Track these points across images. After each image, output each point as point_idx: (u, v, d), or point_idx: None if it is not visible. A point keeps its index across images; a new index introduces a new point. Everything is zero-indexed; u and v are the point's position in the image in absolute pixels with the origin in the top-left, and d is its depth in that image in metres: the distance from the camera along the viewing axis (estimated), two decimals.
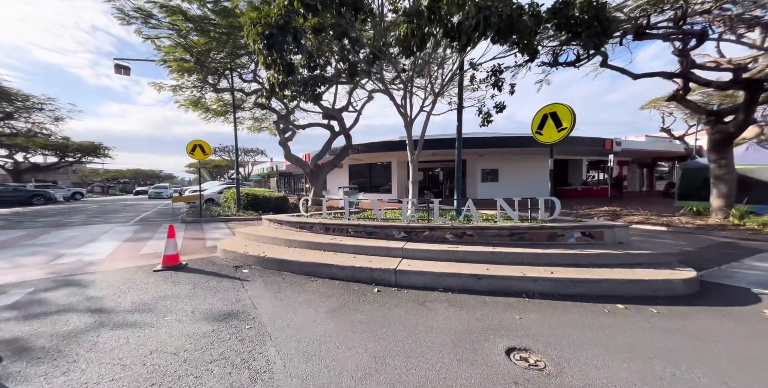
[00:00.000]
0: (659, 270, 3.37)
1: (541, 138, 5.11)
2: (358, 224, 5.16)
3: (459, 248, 4.15)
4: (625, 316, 2.60)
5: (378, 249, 4.41)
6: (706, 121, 7.57)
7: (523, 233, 4.38)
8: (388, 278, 3.68)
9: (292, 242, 5.06)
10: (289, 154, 13.30)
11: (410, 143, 6.25)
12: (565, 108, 4.77)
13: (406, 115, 6.13)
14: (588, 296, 3.06)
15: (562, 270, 3.43)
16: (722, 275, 3.62)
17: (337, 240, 4.84)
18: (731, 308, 2.73)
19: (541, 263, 3.76)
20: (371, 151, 17.60)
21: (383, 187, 20.83)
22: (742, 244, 5.58)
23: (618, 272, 3.33)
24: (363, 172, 22.39)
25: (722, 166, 7.46)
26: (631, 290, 3.05)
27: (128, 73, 9.86)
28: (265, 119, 17.11)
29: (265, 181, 36.70)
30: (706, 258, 4.57)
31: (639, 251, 3.80)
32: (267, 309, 2.93)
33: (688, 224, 7.20)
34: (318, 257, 4.31)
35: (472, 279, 3.37)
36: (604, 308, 2.78)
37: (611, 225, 4.38)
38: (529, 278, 3.22)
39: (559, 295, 3.10)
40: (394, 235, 4.91)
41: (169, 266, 4.24)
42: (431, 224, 4.87)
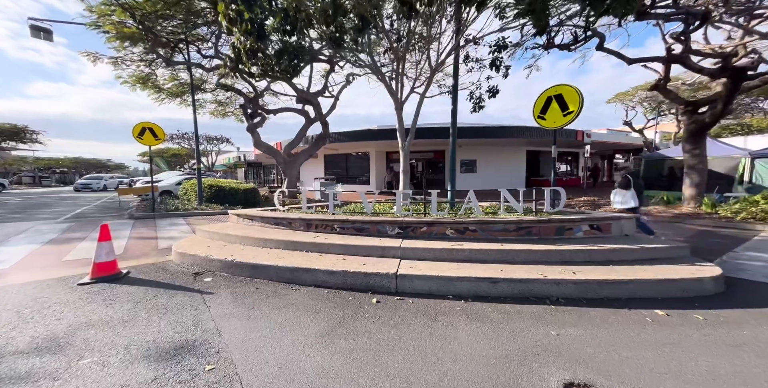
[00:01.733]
0: (681, 266, 3.12)
1: (544, 123, 4.71)
2: (346, 220, 4.49)
3: (464, 245, 3.66)
4: (673, 326, 2.25)
5: (371, 249, 3.80)
6: (683, 112, 7.76)
7: (530, 227, 4.00)
8: (388, 284, 3.10)
9: (266, 242, 4.28)
10: (258, 141, 12.04)
11: (401, 129, 5.60)
12: (572, 89, 4.37)
13: (397, 96, 5.45)
14: (617, 299, 2.71)
15: (583, 270, 3.06)
16: (733, 268, 3.50)
17: (322, 238, 4.14)
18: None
19: (555, 260, 3.38)
20: (348, 140, 16.73)
21: (360, 178, 20.09)
22: (723, 232, 5.74)
23: (641, 270, 3.02)
24: (339, 162, 21.40)
25: (696, 156, 7.73)
26: (662, 291, 2.74)
27: (50, 38, 8.03)
28: (230, 103, 15.41)
29: (232, 171, 34.13)
30: (700, 249, 4.52)
31: (653, 245, 3.56)
32: (236, 336, 2.22)
33: (664, 213, 7.40)
34: (300, 259, 3.60)
35: (488, 283, 2.90)
36: (644, 315, 2.42)
37: (618, 217, 4.14)
38: (551, 281, 2.81)
39: (586, 299, 2.72)
40: (387, 231, 4.32)
41: (102, 276, 3.29)
42: (429, 218, 4.33)
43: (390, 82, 5.61)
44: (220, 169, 33.83)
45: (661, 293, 2.74)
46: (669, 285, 2.74)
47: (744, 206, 6.63)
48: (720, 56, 6.03)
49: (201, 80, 12.49)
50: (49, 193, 20.88)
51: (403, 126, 5.58)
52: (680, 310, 2.49)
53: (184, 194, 11.17)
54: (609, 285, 2.75)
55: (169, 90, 12.35)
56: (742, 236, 5.36)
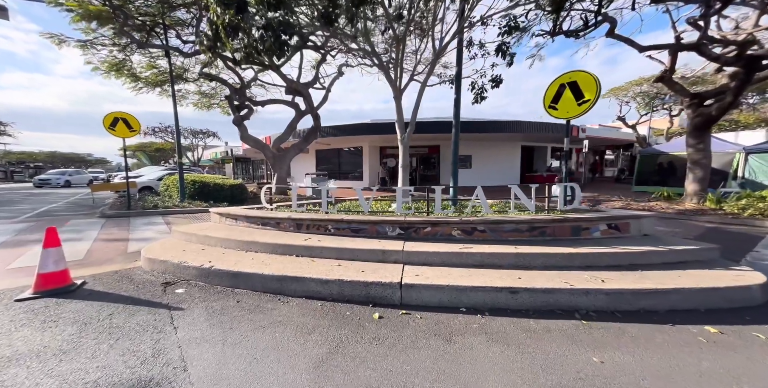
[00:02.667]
0: (718, 271, 2.81)
1: (555, 113, 4.32)
2: (341, 220, 4.03)
3: (473, 248, 3.27)
4: (734, 349, 1.91)
5: (370, 253, 3.36)
6: (688, 105, 7.55)
7: (544, 227, 3.63)
8: (391, 295, 2.68)
9: (251, 245, 3.80)
10: (245, 134, 11.37)
11: (400, 120, 5.14)
12: (588, 76, 3.99)
13: (396, 84, 4.96)
14: (655, 312, 2.36)
15: (611, 277, 2.71)
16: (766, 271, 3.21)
17: (314, 241, 3.68)
18: None
19: (576, 265, 3.03)
20: (341, 134, 16.17)
21: (353, 174, 19.57)
22: (733, 229, 5.55)
23: (677, 277, 2.69)
24: (331, 157, 20.80)
25: (700, 151, 7.55)
26: (705, 302, 2.41)
27: (5, 15, 7.17)
28: (216, 95, 14.57)
29: (219, 167, 32.98)
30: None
31: (681, 246, 3.24)
32: (207, 371, 1.77)
33: (669, 210, 7.21)
34: (289, 266, 3.14)
35: (506, 294, 2.51)
36: (693, 334, 2.08)
37: (637, 215, 3.82)
38: (579, 291, 2.44)
39: (620, 312, 2.37)
40: (387, 232, 3.89)
41: (48, 289, 2.76)
42: (433, 218, 3.92)
43: (388, 69, 5.12)
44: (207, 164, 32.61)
45: (705, 303, 2.40)
46: (713, 295, 2.41)
47: (751, 202, 6.48)
48: (736, 44, 5.76)
49: (182, 69, 11.67)
50: (19, 188, 19.60)
51: (402, 117, 5.12)
52: (732, 326, 2.15)
53: (165, 191, 10.47)
54: (646, 296, 2.39)
55: (147, 79, 11.50)
56: (755, 234, 5.17)
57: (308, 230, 4.23)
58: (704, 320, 2.22)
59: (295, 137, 16.53)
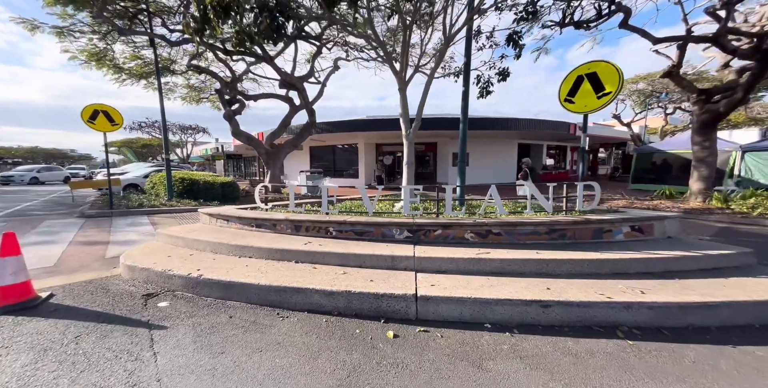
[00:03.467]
0: (763, 279, 2.58)
1: (572, 107, 4.05)
2: (344, 221, 3.70)
3: (491, 254, 2.98)
4: None
5: (377, 259, 3.04)
6: (695, 101, 7.40)
7: (564, 229, 3.36)
8: (405, 308, 2.37)
9: (245, 250, 3.44)
10: (237, 130, 10.86)
11: (405, 114, 4.79)
12: (610, 66, 3.71)
13: (401, 74, 4.61)
14: (706, 328, 2.11)
15: (649, 287, 2.45)
16: None
17: (315, 245, 3.34)
18: None
19: (606, 272, 2.76)
20: (336, 130, 15.73)
21: (348, 172, 19.18)
22: (745, 229, 5.40)
23: (722, 286, 2.44)
24: (325, 155, 20.33)
25: (705, 149, 7.42)
26: (759, 316, 2.17)
27: None
28: (205, 88, 13.94)
29: (210, 164, 32.11)
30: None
31: (713, 250, 3.01)
32: None
33: (674, 209, 7.07)
34: (288, 274, 2.80)
35: (536, 308, 2.22)
36: (763, 358, 1.82)
37: (661, 216, 3.58)
38: (619, 305, 2.16)
39: (666, 329, 2.11)
40: (394, 235, 3.57)
41: (5, 305, 2.36)
42: (444, 219, 3.62)
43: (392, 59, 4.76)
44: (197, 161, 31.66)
45: (759, 318, 2.16)
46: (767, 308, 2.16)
47: (760, 201, 6.36)
48: (754, 35, 5.58)
49: (169, 60, 11.06)
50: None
51: (407, 110, 4.78)
52: None
53: (151, 188, 9.93)
54: (694, 310, 2.14)
55: (132, 70, 10.87)
56: (764, 234, 5.03)
57: (308, 232, 3.88)
58: (764, 339, 1.97)
59: (289, 133, 16.05)
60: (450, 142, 17.82)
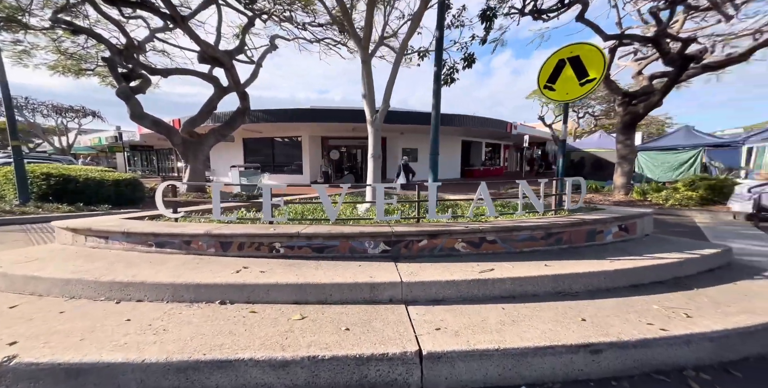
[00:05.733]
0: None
1: (552, 95, 3.70)
2: (296, 233, 2.65)
3: (496, 271, 2.33)
4: None
5: (350, 289, 2.13)
6: (619, 103, 8.21)
7: (560, 232, 2.94)
8: (405, 378, 1.53)
9: (129, 289, 2.14)
10: (138, 112, 8.37)
11: (369, 94, 3.87)
12: (593, 49, 3.41)
13: (363, 43, 3.66)
14: (764, 358, 1.77)
15: (686, 306, 2.09)
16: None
17: (254, 273, 2.24)
18: None
19: (623, 286, 2.36)
20: (275, 120, 13.86)
21: (289, 167, 17.30)
22: (669, 220, 6.01)
23: (743, 296, 2.22)
24: (263, 148, 17.97)
25: (627, 147, 8.31)
26: None
27: None
28: (89, 57, 10.58)
29: (108, 157, 25.90)
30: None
31: (700, 249, 2.90)
32: None
33: (605, 202, 7.72)
34: (205, 332, 1.69)
35: (584, 355, 1.61)
36: None
37: (642, 213, 3.45)
38: (678, 340, 1.68)
39: (732, 367, 1.70)
40: (366, 249, 2.68)
41: None
42: (429, 226, 2.86)
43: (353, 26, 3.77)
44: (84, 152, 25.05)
45: None
46: None
47: (670, 193, 7.29)
48: (681, 40, 6.20)
49: (18, 9, 7.87)
50: None
51: (372, 89, 3.87)
52: None
53: None
54: (752, 337, 1.78)
55: None
56: (687, 223, 5.64)
57: (242, 251, 2.72)
58: None
59: (215, 121, 13.54)
60: (400, 138, 17.44)
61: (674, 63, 6.26)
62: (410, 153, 18.14)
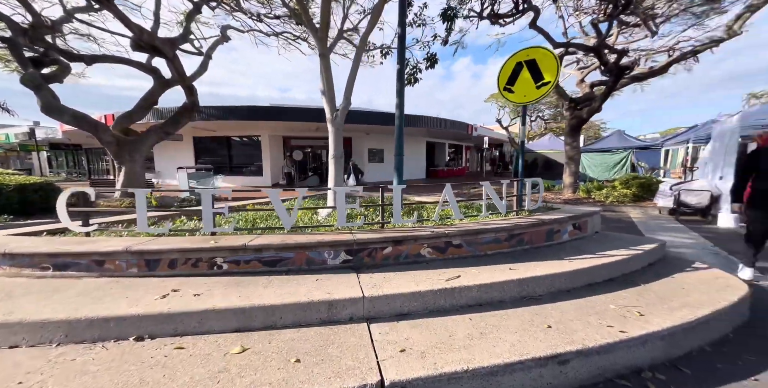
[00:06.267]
0: (696, 273, 2.68)
1: (512, 97, 3.76)
2: (243, 246, 2.31)
3: (463, 278, 2.23)
4: None
5: (303, 309, 1.87)
6: (567, 108, 8.89)
7: (522, 233, 2.95)
8: None
9: (4, 331, 1.63)
10: (51, 104, 7.04)
11: (329, 89, 3.59)
12: (548, 53, 3.52)
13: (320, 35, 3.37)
14: (704, 351, 1.86)
15: (637, 304, 2.16)
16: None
17: (185, 298, 1.85)
18: None
19: (581, 285, 2.41)
20: (231, 118, 12.79)
21: (249, 169, 16.15)
22: (609, 215, 6.59)
23: (680, 288, 2.37)
24: (218, 148, 16.52)
25: (574, 148, 9.02)
26: (734, 323, 2.08)
27: None
28: None
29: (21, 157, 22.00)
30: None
31: (641, 245, 3.10)
32: None
33: (557, 200, 8.29)
34: (106, 384, 1.31)
35: (553, 367, 1.54)
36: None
37: (592, 212, 3.64)
38: (636, 341, 1.69)
39: (682, 363, 1.76)
40: (326, 260, 2.43)
41: None
42: (393, 231, 2.68)
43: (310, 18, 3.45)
44: None
45: (733, 326, 2.08)
46: (734, 312, 2.09)
47: (610, 191, 8.04)
48: (617, 52, 6.83)
49: None
50: None
51: (332, 85, 3.58)
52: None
53: None
54: (694, 332, 1.87)
55: None
56: (624, 219, 6.23)
57: (174, 269, 2.30)
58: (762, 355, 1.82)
59: (158, 118, 12.13)
60: (365, 138, 17.20)
61: (611, 72, 6.92)
62: (376, 154, 18.02)
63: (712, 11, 8.16)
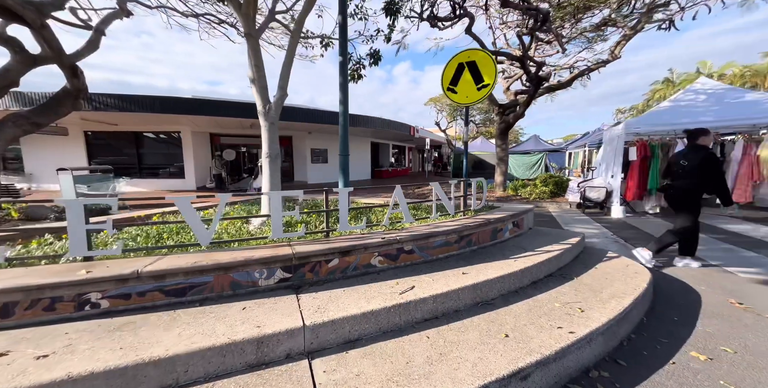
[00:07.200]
0: (614, 261, 3.00)
1: (455, 97, 3.78)
2: (135, 274, 1.70)
3: (417, 289, 2.04)
4: None
5: (222, 355, 1.42)
6: (497, 113, 9.72)
7: (470, 234, 2.93)
8: None
9: None
10: None
11: (259, 77, 3.04)
12: (486, 56, 3.60)
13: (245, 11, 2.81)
14: (631, 339, 2.01)
15: (574, 299, 2.26)
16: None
17: (12, 368, 1.22)
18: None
19: (527, 284, 2.46)
20: (136, 109, 10.46)
21: (167, 170, 13.69)
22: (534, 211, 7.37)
23: (604, 279, 2.59)
24: (121, 145, 13.50)
25: (503, 150, 9.92)
26: (642, 307, 2.33)
27: None
28: None
29: None
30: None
31: (573, 238, 3.39)
32: None
33: (491, 198, 8.99)
34: None
35: (516, 384, 1.44)
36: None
37: (526, 210, 3.88)
38: (582, 341, 1.72)
39: (615, 355, 1.86)
40: (257, 280, 1.98)
41: None
42: (339, 240, 2.35)
43: None
44: None
45: (645, 311, 2.33)
46: (646, 298, 2.36)
47: (533, 189, 9.04)
48: (536, 63, 7.64)
49: None
50: None
51: (263, 71, 3.04)
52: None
53: None
54: (623, 321, 2.01)
55: None
56: (545, 214, 7.04)
57: (10, 318, 1.57)
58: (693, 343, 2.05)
59: (24, 105, 9.34)
60: (307, 137, 16.23)
61: (532, 81, 7.77)
62: (320, 154, 17.19)
63: (599, 38, 9.88)
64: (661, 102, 9.03)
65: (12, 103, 9.29)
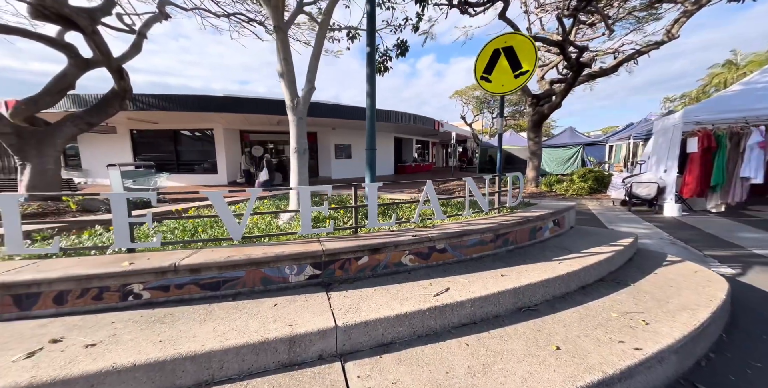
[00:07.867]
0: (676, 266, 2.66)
1: (489, 87, 3.52)
2: (173, 267, 1.73)
3: (453, 291, 1.90)
4: None
5: (254, 353, 1.38)
6: (530, 104, 9.13)
7: (507, 233, 2.72)
8: None
9: None
10: None
11: (288, 72, 3.01)
12: (526, 40, 3.31)
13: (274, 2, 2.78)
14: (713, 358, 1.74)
15: (633, 307, 2.00)
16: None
17: (65, 355, 1.25)
18: None
19: (575, 289, 2.22)
20: (175, 108, 11.10)
21: (201, 166, 14.47)
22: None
23: (668, 287, 2.28)
24: (162, 143, 14.46)
25: (536, 143, 9.33)
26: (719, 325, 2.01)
27: None
28: None
29: None
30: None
31: (626, 240, 3.05)
32: None
33: (523, 194, 8.50)
34: None
35: None
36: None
37: (568, 207, 3.57)
38: (653, 360, 1.50)
39: (689, 375, 1.60)
40: (287, 277, 1.95)
41: None
42: (368, 236, 2.26)
43: None
44: None
45: (725, 326, 2.01)
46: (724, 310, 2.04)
47: (569, 185, 8.43)
48: (578, 47, 7.03)
49: None
50: None
51: (291, 65, 3.00)
52: None
53: None
54: (700, 338, 1.73)
55: None
56: (585, 211, 6.52)
57: (63, 306, 1.65)
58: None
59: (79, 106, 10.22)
60: (331, 133, 16.39)
61: (572, 68, 7.15)
62: (344, 150, 17.31)
63: (651, 17, 8.88)
64: (720, 88, 7.97)
65: (70, 104, 10.19)
